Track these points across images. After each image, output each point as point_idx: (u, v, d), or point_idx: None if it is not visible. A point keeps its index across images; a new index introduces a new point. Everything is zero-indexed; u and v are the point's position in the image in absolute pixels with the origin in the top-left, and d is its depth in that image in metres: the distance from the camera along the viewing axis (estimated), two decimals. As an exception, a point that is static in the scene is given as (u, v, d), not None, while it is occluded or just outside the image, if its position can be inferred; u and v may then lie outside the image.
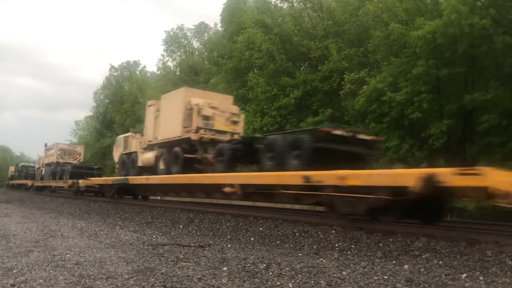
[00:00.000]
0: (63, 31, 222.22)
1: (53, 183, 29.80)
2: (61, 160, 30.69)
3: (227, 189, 11.13)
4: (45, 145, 34.87)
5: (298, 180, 8.88)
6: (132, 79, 57.99)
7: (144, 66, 63.86)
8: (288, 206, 15.60)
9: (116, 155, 21.05)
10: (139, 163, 17.51)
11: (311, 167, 9.10)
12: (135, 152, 18.41)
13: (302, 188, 9.01)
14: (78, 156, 32.91)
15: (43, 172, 33.58)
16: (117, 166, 20.89)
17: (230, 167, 12.37)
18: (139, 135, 19.62)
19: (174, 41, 46.50)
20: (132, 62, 62.63)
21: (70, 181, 25.70)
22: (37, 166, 37.26)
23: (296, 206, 15.31)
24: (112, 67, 62.62)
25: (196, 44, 46.19)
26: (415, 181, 6.70)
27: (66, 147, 34.18)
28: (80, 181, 23.61)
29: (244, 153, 12.18)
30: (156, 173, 15.89)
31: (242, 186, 10.72)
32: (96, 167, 30.38)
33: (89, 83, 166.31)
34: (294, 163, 9.98)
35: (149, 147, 17.20)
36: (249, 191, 10.88)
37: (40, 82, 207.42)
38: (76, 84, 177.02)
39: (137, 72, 61.52)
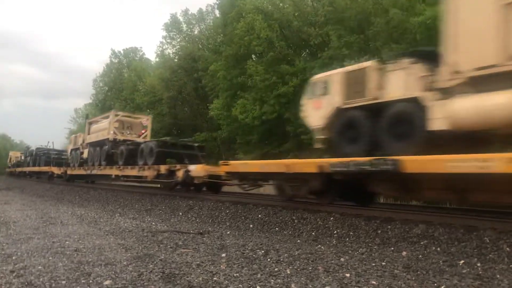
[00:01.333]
0: (62, 20, 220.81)
1: (116, 172, 18.72)
2: (120, 137, 20.21)
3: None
4: (87, 116, 29.77)
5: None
6: (132, 66, 57.73)
7: (143, 54, 63.56)
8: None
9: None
10: None
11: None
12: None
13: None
14: (144, 131, 21.82)
15: (85, 155, 23.29)
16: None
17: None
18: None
19: (175, 27, 46.14)
20: (131, 49, 62.36)
21: (162, 168, 15.16)
22: (70, 147, 26.97)
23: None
24: (113, 52, 62.33)
25: (196, 30, 45.80)
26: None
27: (126, 117, 22.41)
28: (191, 167, 13.92)
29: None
30: None
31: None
32: (196, 145, 18.65)
33: (88, 71, 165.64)
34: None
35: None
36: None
37: (39, 70, 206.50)
38: (75, 72, 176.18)
39: (137, 59, 61.20)
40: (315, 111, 10.14)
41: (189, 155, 16.64)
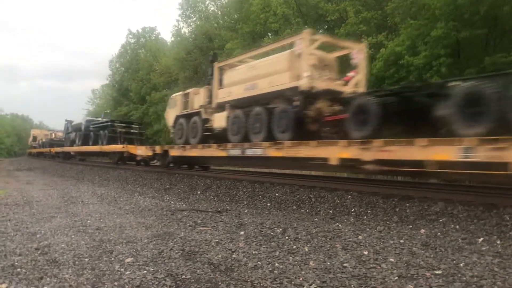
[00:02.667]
0: (77, 2, 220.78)
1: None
2: (319, 84, 10.39)
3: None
4: (213, 57, 16.76)
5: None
6: (147, 46, 57.69)
7: (159, 33, 63.36)
8: (304, 172, 15.64)
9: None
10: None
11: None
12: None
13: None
14: (354, 73, 11.20)
15: (219, 123, 13.65)
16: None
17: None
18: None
19: (190, 5, 45.80)
20: (148, 29, 62.23)
21: None
22: (173, 113, 16.88)
23: (313, 172, 15.35)
24: (130, 32, 62.24)
25: (212, 8, 45.41)
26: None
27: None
28: None
29: None
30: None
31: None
32: None
33: (103, 53, 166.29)
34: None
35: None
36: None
37: (54, 52, 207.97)
38: (90, 54, 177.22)
39: (153, 39, 61.07)
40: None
41: None
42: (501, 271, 3.99)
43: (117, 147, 22.33)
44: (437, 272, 3.99)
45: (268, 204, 9.05)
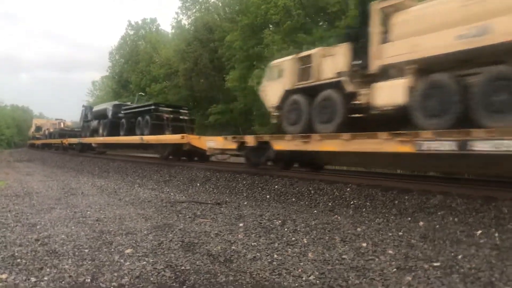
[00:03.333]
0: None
1: None
2: None
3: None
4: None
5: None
6: (147, 38, 57.54)
7: (159, 25, 63.16)
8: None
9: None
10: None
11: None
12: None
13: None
14: None
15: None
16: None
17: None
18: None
19: (191, -4, 45.65)
20: (148, 20, 62.03)
21: None
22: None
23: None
24: (130, 24, 62.10)
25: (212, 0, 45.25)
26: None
27: None
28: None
29: None
30: None
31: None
32: None
33: (103, 45, 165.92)
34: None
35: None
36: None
37: (53, 43, 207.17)
38: (90, 46, 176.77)
39: (153, 30, 60.91)
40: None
41: None
42: (499, 263, 4.02)
43: (173, 138, 16.14)
44: (435, 264, 4.01)
45: (268, 196, 9.07)
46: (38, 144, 44.53)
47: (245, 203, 8.38)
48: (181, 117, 19.15)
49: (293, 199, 8.58)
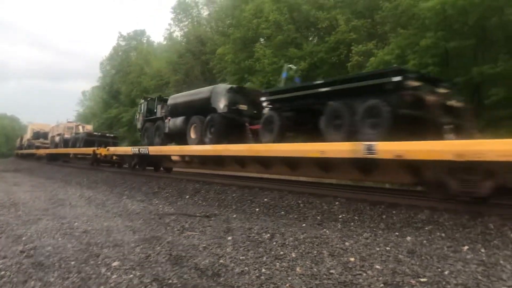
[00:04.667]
0: (66, 2, 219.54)
1: None
2: None
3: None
4: None
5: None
6: (138, 49, 57.65)
7: (149, 36, 63.41)
8: (293, 178, 15.65)
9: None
10: None
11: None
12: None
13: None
14: None
15: None
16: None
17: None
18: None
19: (183, 9, 45.94)
20: (139, 31, 62.24)
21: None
22: None
23: (301, 178, 15.36)
24: (121, 35, 62.25)
25: (205, 13, 45.59)
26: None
27: None
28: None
29: None
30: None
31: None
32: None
33: (94, 54, 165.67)
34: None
35: None
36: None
37: (42, 52, 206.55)
38: (80, 55, 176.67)
39: (144, 41, 61.08)
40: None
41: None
42: (485, 279, 4.05)
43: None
44: (422, 279, 4.03)
45: (257, 209, 9.06)
46: (41, 155, 34.96)
47: (234, 216, 8.36)
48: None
49: (282, 212, 8.58)
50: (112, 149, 20.80)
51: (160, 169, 18.63)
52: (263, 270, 4.30)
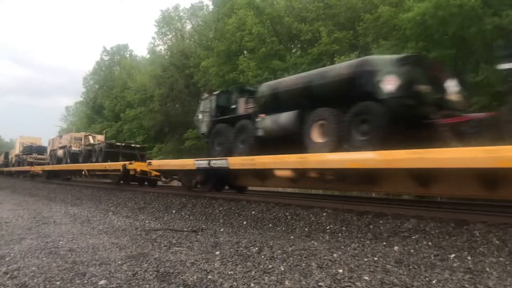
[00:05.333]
0: (47, 18, 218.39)
1: None
2: None
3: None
4: None
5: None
6: (122, 63, 57.48)
7: (132, 50, 63.31)
8: (280, 189, 15.68)
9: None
10: None
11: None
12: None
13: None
14: None
15: None
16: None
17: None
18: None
19: (167, 22, 46.01)
20: (121, 46, 62.10)
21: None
22: None
23: (288, 190, 15.38)
24: (104, 49, 62.03)
25: (188, 26, 45.72)
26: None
27: None
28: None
29: None
30: None
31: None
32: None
33: (76, 70, 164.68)
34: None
35: None
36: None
37: (24, 68, 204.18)
38: (62, 71, 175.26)
39: (127, 56, 60.96)
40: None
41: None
42: (472, 287, 4.08)
43: None
44: (410, 289, 4.05)
45: (244, 223, 9.03)
46: (35, 173, 30.76)
47: (222, 230, 8.32)
48: None
49: (270, 225, 8.56)
50: (155, 163, 16.10)
51: (245, 189, 14.32)
52: (252, 284, 4.28)
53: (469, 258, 5.36)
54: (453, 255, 5.50)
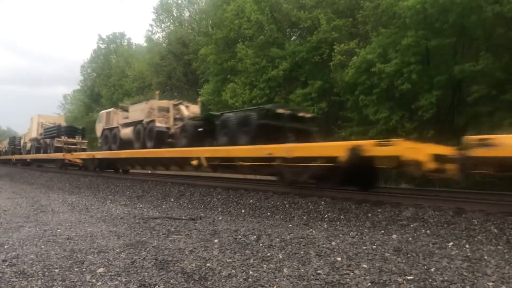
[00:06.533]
0: (43, 7, 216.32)
1: None
2: None
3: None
4: None
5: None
6: (119, 51, 57.12)
7: (130, 38, 62.94)
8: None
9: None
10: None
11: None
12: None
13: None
14: None
15: None
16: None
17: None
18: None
19: (165, 10, 45.65)
20: (118, 34, 61.66)
21: None
22: None
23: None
24: (100, 38, 61.61)
25: (186, 13, 45.33)
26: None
27: None
28: None
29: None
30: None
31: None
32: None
33: (74, 59, 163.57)
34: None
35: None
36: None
37: (22, 58, 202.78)
38: (61, 59, 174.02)
39: (124, 44, 60.56)
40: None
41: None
42: (470, 275, 4.09)
43: None
44: (409, 277, 4.05)
45: (243, 211, 9.04)
46: (72, 162, 22.69)
47: (220, 218, 8.33)
48: None
49: (268, 213, 8.57)
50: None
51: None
52: (251, 272, 4.28)
53: (467, 246, 5.38)
54: (451, 243, 5.51)
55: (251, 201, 9.47)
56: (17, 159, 33.67)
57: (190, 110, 16.23)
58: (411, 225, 6.50)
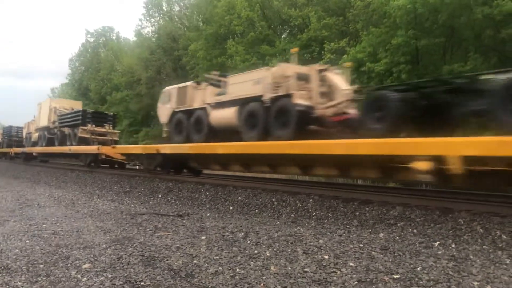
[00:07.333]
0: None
1: None
2: None
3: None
4: None
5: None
6: (108, 45, 56.63)
7: (118, 32, 62.43)
8: (267, 175, 15.65)
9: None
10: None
11: None
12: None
13: None
14: None
15: None
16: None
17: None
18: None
19: (155, 4, 45.30)
20: (107, 28, 61.10)
21: None
22: None
23: (275, 176, 15.36)
24: (88, 32, 61.03)
25: (177, 8, 45.01)
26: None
27: None
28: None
29: None
30: None
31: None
32: None
33: (65, 51, 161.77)
34: None
35: None
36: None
37: (11, 49, 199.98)
38: (51, 52, 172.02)
39: (113, 38, 60.04)
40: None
41: None
42: (456, 275, 4.12)
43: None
44: (395, 276, 4.07)
45: (231, 208, 9.02)
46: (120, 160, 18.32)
47: (208, 214, 8.30)
48: None
49: (256, 210, 8.56)
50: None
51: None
52: (238, 269, 4.26)
53: (453, 245, 5.42)
54: (437, 243, 5.55)
55: (239, 198, 9.46)
56: (18, 152, 28.39)
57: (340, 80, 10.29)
58: (398, 224, 6.53)
